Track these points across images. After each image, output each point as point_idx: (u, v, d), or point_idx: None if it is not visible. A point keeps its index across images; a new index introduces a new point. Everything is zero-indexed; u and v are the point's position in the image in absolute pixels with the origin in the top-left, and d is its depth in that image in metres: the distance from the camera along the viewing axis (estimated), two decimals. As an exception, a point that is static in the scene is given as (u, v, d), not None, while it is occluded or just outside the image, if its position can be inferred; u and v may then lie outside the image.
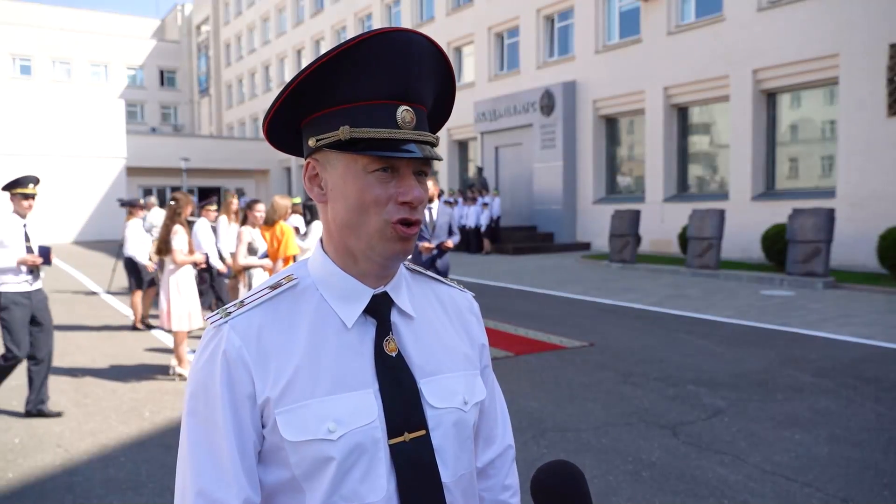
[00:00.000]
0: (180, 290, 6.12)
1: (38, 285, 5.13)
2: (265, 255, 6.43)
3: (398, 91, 0.95)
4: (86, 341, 7.89)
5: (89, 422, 5.03)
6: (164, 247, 6.13)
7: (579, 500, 0.92)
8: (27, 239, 4.99)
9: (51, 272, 15.60)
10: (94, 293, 12.07)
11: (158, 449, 4.46)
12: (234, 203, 9.16)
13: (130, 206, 9.62)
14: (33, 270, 5.05)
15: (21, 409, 5.29)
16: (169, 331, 6.43)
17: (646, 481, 3.87)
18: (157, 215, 12.11)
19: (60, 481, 4.00)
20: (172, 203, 6.24)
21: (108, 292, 12.02)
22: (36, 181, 5.02)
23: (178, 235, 6.12)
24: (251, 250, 6.38)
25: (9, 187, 4.97)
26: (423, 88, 0.98)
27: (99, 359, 7.01)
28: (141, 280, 8.88)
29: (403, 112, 0.95)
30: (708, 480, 3.86)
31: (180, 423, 0.98)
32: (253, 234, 6.40)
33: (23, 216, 5.00)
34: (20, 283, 4.98)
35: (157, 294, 7.50)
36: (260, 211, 6.48)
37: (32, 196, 4.98)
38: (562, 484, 0.93)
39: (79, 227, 28.37)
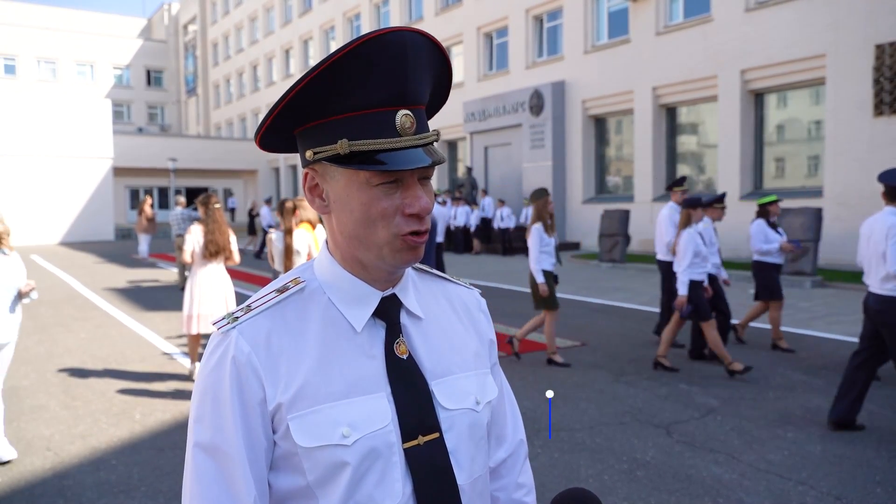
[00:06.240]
0: (191, 293, 5.98)
1: None
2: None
3: (395, 96, 0.90)
4: (74, 343, 7.81)
5: (79, 425, 4.97)
6: (222, 249, 5.86)
7: None
8: None
9: (37, 274, 15.44)
10: (81, 295, 11.95)
11: (150, 452, 4.40)
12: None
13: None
14: None
15: (8, 410, 5.22)
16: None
17: (640, 480, 3.87)
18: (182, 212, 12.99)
19: (51, 485, 3.95)
20: (218, 206, 6.00)
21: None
22: None
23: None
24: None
25: None
26: (421, 87, 0.93)
27: (88, 361, 6.94)
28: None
29: (403, 117, 0.91)
30: (702, 479, 3.87)
31: (172, 426, 0.96)
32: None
33: None
34: None
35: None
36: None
37: None
38: None
39: (65, 229, 28.09)
